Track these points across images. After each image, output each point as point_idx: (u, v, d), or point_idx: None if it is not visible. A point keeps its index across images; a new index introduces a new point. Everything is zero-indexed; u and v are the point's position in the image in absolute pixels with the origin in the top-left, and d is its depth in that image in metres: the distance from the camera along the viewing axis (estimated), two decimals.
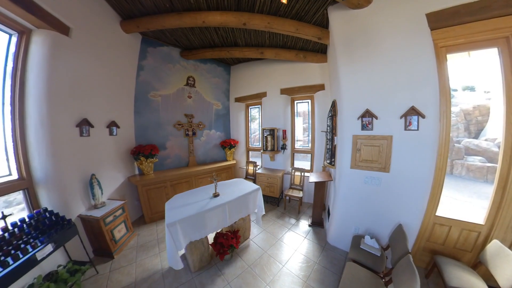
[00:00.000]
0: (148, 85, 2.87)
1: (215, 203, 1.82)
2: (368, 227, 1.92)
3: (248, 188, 2.17)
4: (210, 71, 3.70)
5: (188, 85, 3.37)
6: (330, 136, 2.38)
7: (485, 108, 6.03)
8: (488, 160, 4.88)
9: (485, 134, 5.69)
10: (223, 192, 2.09)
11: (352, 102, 1.75)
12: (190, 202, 1.87)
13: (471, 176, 4.82)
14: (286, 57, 2.94)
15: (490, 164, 4.69)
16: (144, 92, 2.83)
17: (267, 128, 3.40)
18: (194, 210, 1.70)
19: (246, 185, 2.30)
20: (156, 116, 3.00)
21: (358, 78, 1.72)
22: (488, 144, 5.15)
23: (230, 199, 1.90)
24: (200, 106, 3.59)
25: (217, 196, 1.99)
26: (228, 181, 2.50)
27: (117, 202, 2.14)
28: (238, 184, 2.35)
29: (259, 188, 2.21)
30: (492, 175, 4.56)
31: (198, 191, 2.18)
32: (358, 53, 1.73)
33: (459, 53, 1.56)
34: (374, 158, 1.70)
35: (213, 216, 1.75)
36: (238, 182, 2.46)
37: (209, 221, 1.73)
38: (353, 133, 1.76)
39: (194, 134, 3.50)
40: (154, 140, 2.97)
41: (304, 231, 2.49)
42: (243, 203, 2.03)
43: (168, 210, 1.74)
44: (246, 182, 2.42)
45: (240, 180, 2.52)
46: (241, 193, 2.05)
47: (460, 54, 1.56)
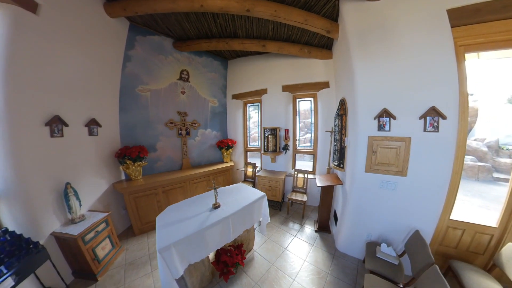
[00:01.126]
0: (136, 78, 2.59)
1: (216, 216, 1.60)
2: (381, 233, 1.87)
3: (252, 196, 2.00)
4: (206, 65, 3.47)
5: (181, 80, 3.12)
6: (339, 137, 2.31)
7: (474, 109, 6.43)
8: (478, 159, 5.19)
9: (473, 134, 6.06)
10: (224, 201, 1.88)
11: (368, 101, 1.67)
12: (187, 216, 1.62)
13: (463, 175, 5.09)
14: (290, 52, 2.82)
15: (481, 163, 4.98)
16: (131, 85, 2.55)
17: (269, 128, 3.26)
18: (193, 227, 1.45)
19: (249, 192, 2.12)
20: (145, 114, 2.72)
21: (374, 74, 1.64)
22: (477, 144, 5.47)
23: (233, 211, 1.69)
24: (194, 102, 3.35)
25: (218, 207, 1.77)
26: (228, 187, 2.30)
27: (99, 215, 1.87)
28: (240, 191, 2.16)
29: (265, 195, 2.05)
30: (483, 173, 4.83)
31: (195, 201, 1.94)
32: (374, 47, 1.64)
33: (477, 52, 1.55)
34: (391, 161, 1.64)
35: (215, 232, 1.52)
36: (240, 188, 2.27)
37: (211, 238, 1.50)
38: (368, 134, 1.68)
39: (188, 134, 3.26)
40: (143, 141, 2.70)
41: (311, 238, 2.40)
42: (248, 214, 1.84)
43: (160, 228, 1.45)
44: (248, 188, 2.24)
45: (241, 186, 2.34)
46: (245, 202, 1.86)
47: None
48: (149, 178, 2.62)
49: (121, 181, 2.46)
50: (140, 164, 2.46)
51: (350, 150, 1.97)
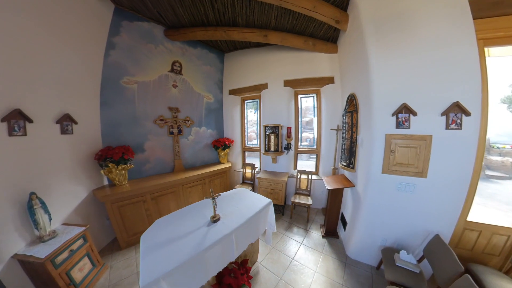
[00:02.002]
0: (121, 68, 2.31)
1: (216, 233, 1.34)
2: (397, 238, 1.79)
3: (257, 203, 1.80)
4: (200, 57, 3.23)
5: (173, 72, 2.87)
6: (348, 135, 2.20)
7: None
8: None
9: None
10: (224, 212, 1.64)
11: (385, 95, 1.56)
12: (179, 234, 1.34)
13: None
14: (293, 44, 2.68)
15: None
16: (115, 77, 2.27)
17: (270, 125, 3.11)
18: (187, 250, 1.17)
19: (253, 198, 1.93)
20: (131, 109, 2.45)
21: (392, 66, 1.53)
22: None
23: (237, 225, 1.45)
24: (187, 97, 3.11)
25: (218, 221, 1.52)
26: (228, 193, 2.08)
27: (75, 229, 1.60)
28: (242, 198, 1.94)
29: (271, 202, 1.86)
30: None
31: (189, 212, 1.68)
32: (391, 37, 1.54)
33: (496, 47, 1.51)
34: (410, 162, 1.54)
35: (215, 252, 1.28)
36: (241, 194, 2.06)
37: (211, 260, 1.25)
38: (386, 132, 1.58)
39: (180, 132, 3.02)
40: (129, 140, 2.42)
41: (319, 244, 2.28)
42: (253, 226, 1.62)
43: (145, 253, 1.15)
44: (251, 194, 2.05)
45: (242, 191, 2.14)
46: (249, 212, 1.64)
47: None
48: (136, 183, 2.35)
49: (103, 187, 2.17)
50: (124, 167, 2.19)
51: (363, 150, 1.86)
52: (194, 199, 2.85)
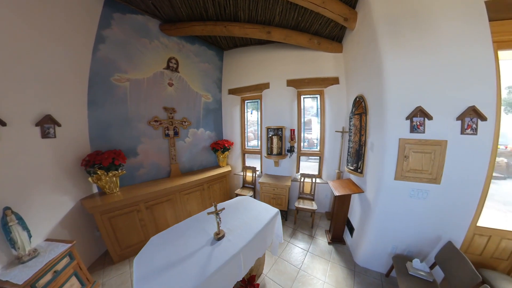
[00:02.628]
0: (111, 65, 2.13)
1: (222, 253, 1.21)
2: (407, 245, 1.77)
3: (264, 214, 1.69)
4: (198, 54, 3.09)
5: (169, 69, 2.72)
6: (357, 138, 2.16)
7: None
8: None
9: None
10: (228, 226, 1.50)
11: (399, 98, 1.52)
12: (179, 256, 1.18)
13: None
14: (298, 42, 2.61)
15: None
16: (105, 73, 2.10)
17: (273, 127, 3.02)
18: (190, 277, 1.03)
19: (259, 208, 1.83)
20: (123, 109, 2.28)
21: (406, 67, 1.49)
22: None
23: (244, 242, 1.32)
24: (184, 97, 2.96)
25: (222, 238, 1.37)
26: (230, 202, 1.96)
27: (60, 246, 1.43)
28: (247, 208, 1.83)
29: (278, 212, 1.77)
30: None
31: (188, 227, 1.52)
32: (405, 37, 1.50)
33: (508, 51, 1.51)
34: (424, 168, 1.52)
35: (222, 275, 1.15)
36: (245, 203, 1.95)
37: (217, 284, 1.13)
38: (399, 136, 1.54)
39: (177, 134, 2.87)
40: (120, 144, 2.26)
41: (326, 252, 2.23)
42: (261, 240, 1.50)
43: (140, 281, 1.01)
44: (256, 203, 1.95)
45: (246, 200, 2.03)
46: (256, 225, 1.52)
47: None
48: (128, 190, 2.19)
49: (93, 196, 2.00)
50: (115, 173, 2.03)
51: (373, 154, 1.82)
52: (193, 206, 2.72)
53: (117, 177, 2.11)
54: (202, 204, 2.85)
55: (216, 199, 3.11)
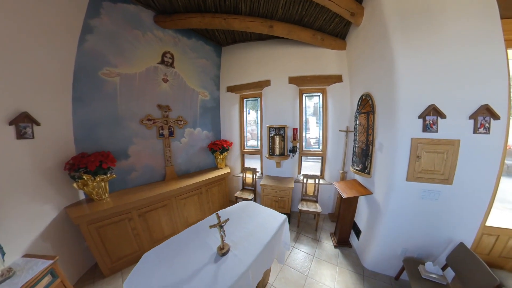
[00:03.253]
0: (100, 58, 1.97)
1: (229, 272, 1.08)
2: (418, 247, 1.75)
3: (271, 222, 1.59)
4: (195, 49, 2.96)
5: (163, 64, 2.57)
6: (363, 137, 2.13)
7: None
8: None
9: None
10: (232, 238, 1.37)
11: (412, 96, 1.49)
12: (180, 277, 1.04)
13: None
14: (300, 37, 2.56)
15: None
16: (92, 67, 1.93)
17: (275, 126, 2.95)
18: None
19: (264, 214, 1.73)
20: (112, 107, 2.11)
21: (418, 64, 1.47)
22: None
23: (252, 257, 1.20)
24: (180, 94, 2.82)
25: (227, 253, 1.24)
26: (233, 209, 1.84)
27: (39, 263, 1.26)
28: (251, 215, 1.72)
29: (286, 218, 1.69)
30: None
31: (187, 241, 1.37)
32: (417, 33, 1.47)
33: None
34: (437, 168, 1.50)
35: None
36: (249, 209, 1.85)
37: None
38: (411, 136, 1.52)
39: (172, 134, 2.72)
40: (109, 145, 2.09)
41: (332, 256, 2.19)
42: (269, 251, 1.40)
43: None
44: (261, 209, 1.86)
45: (250, 206, 1.93)
46: (263, 235, 1.41)
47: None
48: (119, 196, 2.03)
49: (79, 203, 1.82)
50: (104, 178, 1.86)
51: (382, 154, 1.80)
52: (190, 212, 2.58)
53: (106, 182, 1.94)
54: (200, 209, 2.72)
55: (215, 203, 2.99)
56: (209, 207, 2.88)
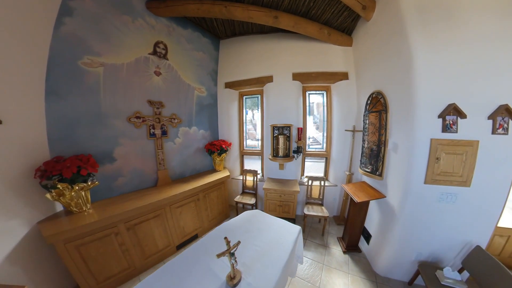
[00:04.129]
0: (80, 44, 1.72)
1: None
2: (432, 251, 1.75)
3: (285, 235, 1.45)
4: (191, 41, 2.77)
5: (155, 55, 2.35)
6: (372, 138, 2.10)
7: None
8: None
9: None
10: (243, 260, 1.18)
11: (431, 94, 1.46)
12: None
13: None
14: (307, 31, 2.48)
15: None
16: (71, 55, 1.67)
17: (279, 125, 2.84)
18: None
19: (275, 226, 1.59)
20: (94, 102, 1.87)
21: (438, 60, 1.43)
22: None
23: (270, 286, 1.04)
24: (174, 89, 2.61)
25: (239, 283, 1.06)
26: (237, 221, 1.69)
27: None
28: (260, 228, 1.56)
29: (300, 230, 1.57)
30: None
31: (188, 267, 1.16)
32: (436, 27, 1.44)
33: None
34: (455, 170, 1.49)
35: None
36: (257, 220, 1.71)
37: None
38: (431, 136, 1.49)
39: (165, 134, 2.51)
40: (90, 147, 1.84)
41: (343, 263, 2.14)
42: (285, 272, 1.26)
43: None
44: (270, 220, 1.73)
45: (257, 216, 1.80)
46: (279, 254, 1.25)
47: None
48: (104, 207, 1.79)
49: (56, 216, 1.57)
50: (84, 186, 1.63)
51: (397, 156, 1.76)
52: (187, 221, 2.39)
53: (87, 191, 1.70)
54: (197, 216, 2.54)
55: (214, 210, 2.81)
56: (208, 214, 2.70)
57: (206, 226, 2.68)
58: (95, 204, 1.82)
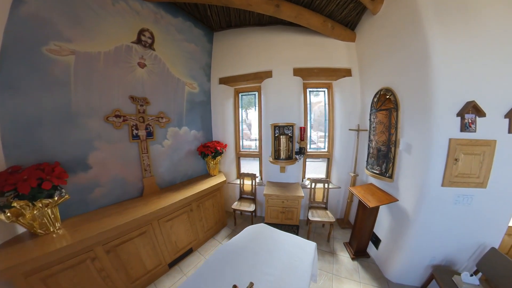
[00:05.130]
0: (46, 28, 1.43)
1: None
2: (446, 255, 1.74)
3: (302, 257, 1.32)
4: (182, 31, 2.54)
5: (140, 44, 2.10)
6: (381, 137, 2.07)
7: None
8: None
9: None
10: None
11: (449, 90, 1.43)
12: None
13: None
14: (309, 23, 2.39)
15: None
16: (33, 40, 1.38)
17: (282, 124, 2.71)
18: None
19: (287, 245, 1.45)
20: (62, 97, 1.58)
21: (457, 55, 1.40)
22: None
23: None
24: (161, 83, 2.37)
25: None
26: (240, 240, 1.52)
27: None
28: (270, 249, 1.39)
29: (316, 247, 1.47)
30: None
31: None
32: (455, 21, 1.41)
33: None
34: (473, 171, 1.47)
35: None
36: (263, 237, 1.57)
37: None
38: (449, 136, 1.46)
39: (151, 136, 2.26)
40: (58, 152, 1.56)
41: (353, 270, 2.08)
42: None
43: None
44: (280, 236, 1.60)
45: (263, 232, 1.66)
46: (298, 283, 1.11)
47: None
48: (77, 225, 1.52)
49: (17, 241, 1.28)
50: (49, 202, 1.35)
51: (411, 157, 1.73)
52: (179, 235, 2.16)
53: (55, 207, 1.43)
54: (191, 229, 2.32)
55: (209, 219, 2.61)
56: (203, 225, 2.50)
57: (201, 238, 2.47)
58: (67, 222, 1.55)
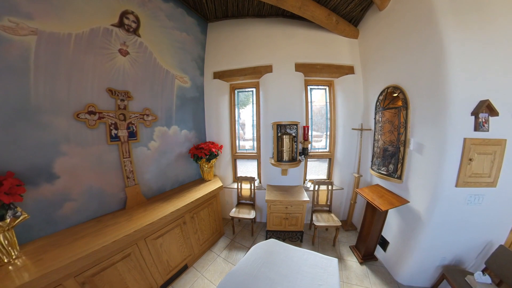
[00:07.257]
0: None
1: None
2: (456, 254, 1.81)
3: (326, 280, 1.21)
4: (173, 18, 2.30)
5: (122, 28, 1.82)
6: (389, 137, 2.08)
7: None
8: None
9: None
10: None
11: (464, 88, 1.46)
12: None
13: None
14: (314, 16, 2.33)
15: None
16: None
17: (286, 123, 2.59)
18: None
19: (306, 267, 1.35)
20: (19, 89, 1.27)
21: (472, 52, 1.43)
22: None
23: None
24: (147, 75, 2.10)
25: None
26: (249, 264, 1.37)
27: None
28: (286, 273, 1.25)
29: (337, 262, 1.44)
30: None
31: None
32: (468, 17, 1.44)
33: None
34: (485, 171, 1.53)
35: None
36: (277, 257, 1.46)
37: None
38: (464, 136, 1.49)
39: (134, 136, 1.99)
40: (12, 159, 1.25)
41: (362, 276, 2.06)
42: None
43: None
44: (295, 254, 1.52)
45: (275, 251, 1.54)
46: None
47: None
48: (42, 251, 1.23)
49: None
50: (1, 225, 1.07)
51: (423, 157, 1.75)
52: (171, 253, 1.93)
53: (10, 231, 1.14)
54: (185, 244, 2.09)
55: (205, 231, 2.40)
56: (198, 238, 2.28)
57: (196, 252, 2.26)
58: (28, 247, 1.25)
